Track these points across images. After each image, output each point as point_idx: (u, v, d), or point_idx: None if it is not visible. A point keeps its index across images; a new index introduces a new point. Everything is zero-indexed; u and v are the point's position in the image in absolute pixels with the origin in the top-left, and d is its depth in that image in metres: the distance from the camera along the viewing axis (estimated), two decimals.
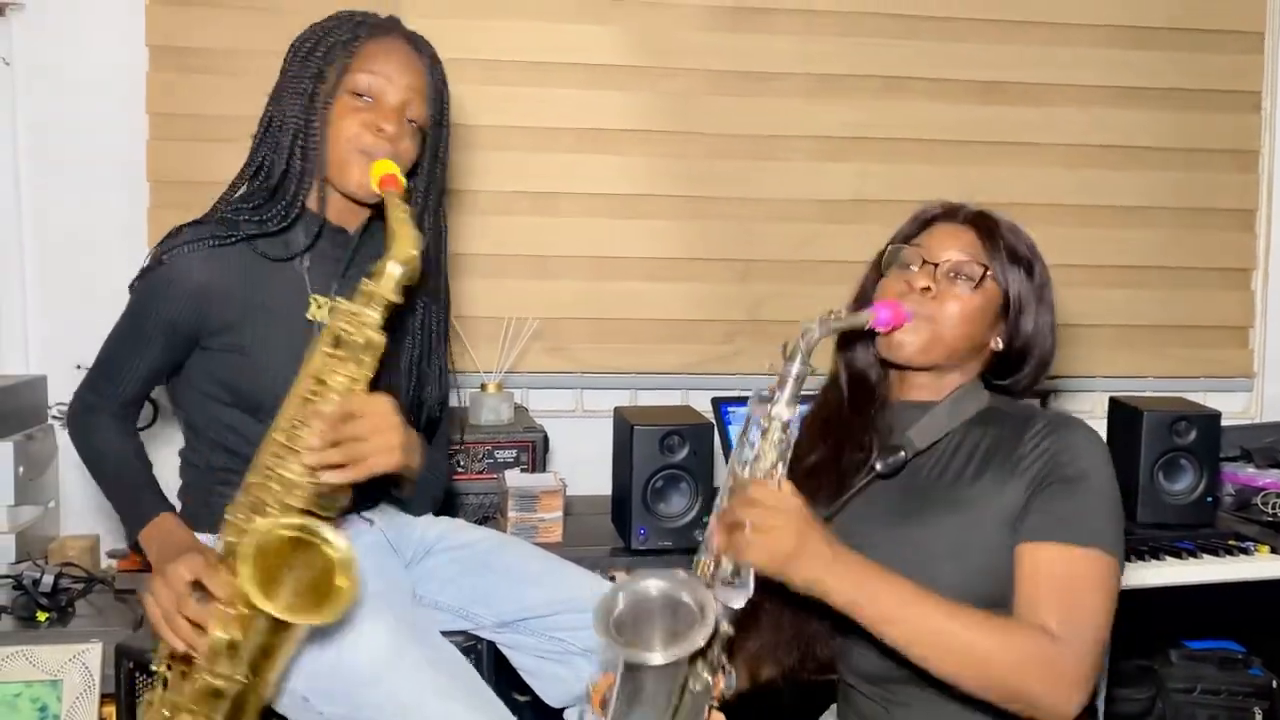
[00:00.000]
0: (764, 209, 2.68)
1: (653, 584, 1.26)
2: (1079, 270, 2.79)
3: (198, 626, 1.42)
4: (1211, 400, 2.67)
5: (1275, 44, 2.85)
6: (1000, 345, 1.52)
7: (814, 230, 2.68)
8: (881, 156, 2.71)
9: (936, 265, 1.48)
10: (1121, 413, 2.43)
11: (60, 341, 2.40)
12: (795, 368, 1.33)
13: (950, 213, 1.55)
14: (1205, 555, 2.23)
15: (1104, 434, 2.49)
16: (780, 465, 1.32)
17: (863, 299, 1.56)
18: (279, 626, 1.41)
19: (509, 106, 2.57)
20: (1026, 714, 1.33)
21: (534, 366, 2.61)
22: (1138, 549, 2.23)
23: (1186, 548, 2.25)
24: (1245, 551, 2.25)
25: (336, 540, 1.41)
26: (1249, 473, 2.55)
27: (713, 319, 2.70)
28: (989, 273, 1.48)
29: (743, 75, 2.65)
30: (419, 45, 1.68)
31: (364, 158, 1.59)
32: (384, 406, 1.48)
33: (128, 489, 1.65)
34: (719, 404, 2.40)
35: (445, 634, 1.67)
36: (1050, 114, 2.76)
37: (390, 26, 1.68)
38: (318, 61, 1.61)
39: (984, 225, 1.52)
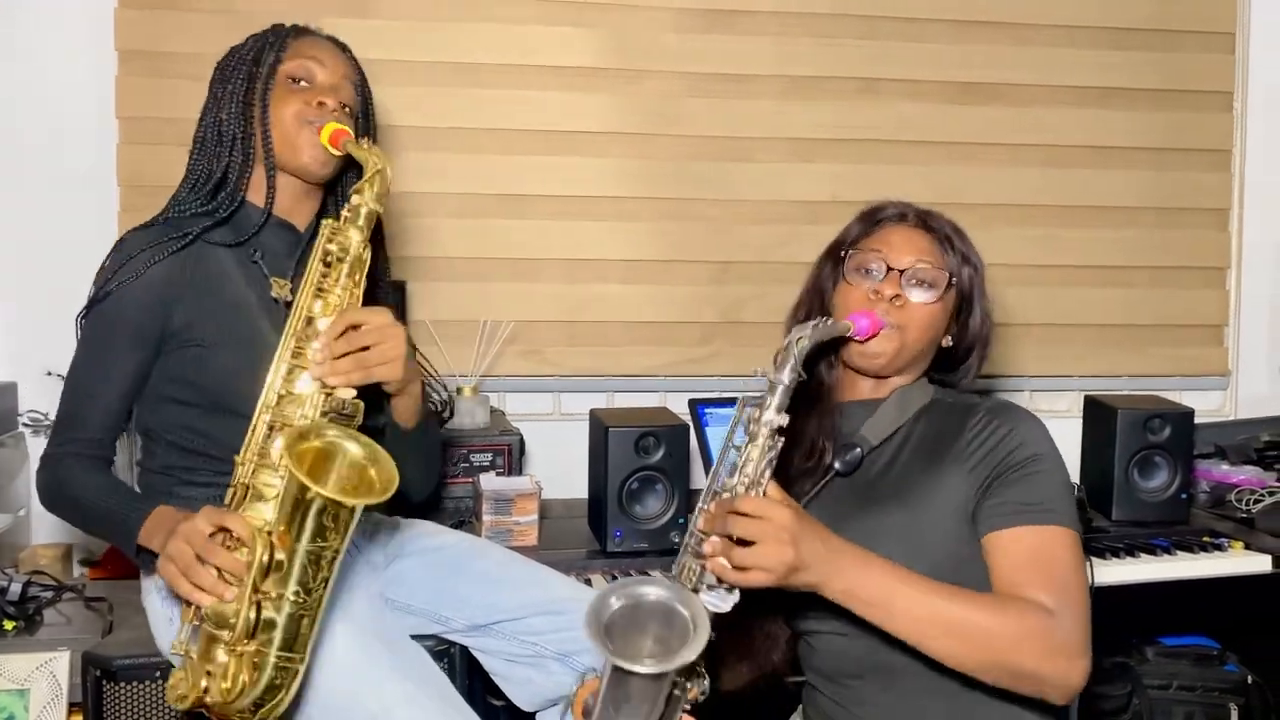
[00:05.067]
0: (740, 210, 2.68)
1: (648, 590, 1.23)
2: (1053, 270, 2.81)
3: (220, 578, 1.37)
4: (1187, 398, 2.68)
5: (1245, 44, 2.87)
6: (950, 342, 1.56)
7: (790, 231, 2.67)
8: (857, 157, 2.71)
9: (902, 272, 1.49)
10: (1096, 411, 2.44)
11: (30, 348, 2.37)
12: (787, 375, 1.33)
13: (901, 214, 1.56)
14: (1180, 552, 2.24)
15: (1079, 433, 2.52)
16: (768, 472, 1.31)
17: (815, 297, 1.57)
18: (319, 531, 1.36)
19: (484, 109, 2.57)
20: (1034, 692, 1.33)
21: (510, 370, 2.60)
22: (1113, 546, 2.24)
23: (1161, 545, 2.26)
24: (1220, 548, 2.26)
25: (355, 442, 1.42)
26: (1223, 470, 2.57)
27: (689, 320, 2.70)
28: (951, 280, 1.51)
29: (717, 77, 2.65)
30: (339, 43, 1.74)
31: (310, 129, 1.63)
32: (384, 317, 1.52)
33: (116, 512, 1.57)
34: (696, 405, 2.39)
35: (416, 638, 1.66)
36: (1024, 114, 2.77)
37: (310, 29, 1.74)
38: (247, 66, 1.67)
39: (935, 228, 1.55)
